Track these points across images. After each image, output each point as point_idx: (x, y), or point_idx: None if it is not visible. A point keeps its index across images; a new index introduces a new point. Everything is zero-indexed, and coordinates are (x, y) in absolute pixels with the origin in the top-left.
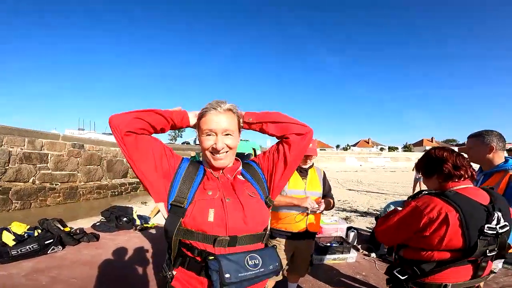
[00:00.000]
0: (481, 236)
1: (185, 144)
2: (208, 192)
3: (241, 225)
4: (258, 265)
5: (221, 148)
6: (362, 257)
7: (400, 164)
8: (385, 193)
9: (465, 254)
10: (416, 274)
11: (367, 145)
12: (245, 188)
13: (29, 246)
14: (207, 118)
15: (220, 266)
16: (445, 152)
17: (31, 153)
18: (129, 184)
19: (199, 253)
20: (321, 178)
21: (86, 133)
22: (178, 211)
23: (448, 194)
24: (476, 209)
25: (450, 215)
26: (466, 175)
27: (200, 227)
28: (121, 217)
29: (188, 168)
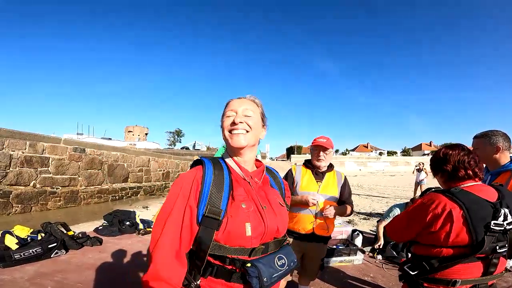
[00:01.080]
0: (488, 233)
1: (184, 149)
2: (242, 205)
3: (274, 234)
4: (285, 264)
5: (239, 121)
6: (368, 259)
7: (400, 168)
8: (386, 196)
9: (473, 250)
10: (426, 270)
11: (366, 150)
12: (275, 196)
13: (32, 250)
14: (230, 103)
15: (259, 272)
16: (451, 150)
17: (32, 157)
18: (129, 188)
19: (231, 261)
20: (340, 183)
21: (85, 137)
22: (213, 223)
23: (453, 191)
24: (481, 206)
25: (454, 211)
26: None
27: (236, 242)
28: (124, 221)
29: (215, 173)
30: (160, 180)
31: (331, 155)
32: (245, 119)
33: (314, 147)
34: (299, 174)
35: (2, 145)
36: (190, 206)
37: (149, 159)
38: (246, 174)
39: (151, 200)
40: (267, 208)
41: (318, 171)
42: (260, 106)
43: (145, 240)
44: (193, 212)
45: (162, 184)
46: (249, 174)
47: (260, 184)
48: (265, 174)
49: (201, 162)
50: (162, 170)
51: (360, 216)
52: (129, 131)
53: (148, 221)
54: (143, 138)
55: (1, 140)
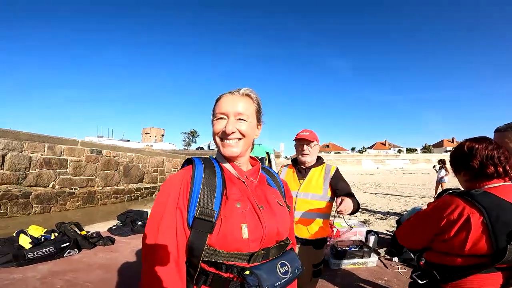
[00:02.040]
0: (511, 242)
1: (199, 149)
2: (236, 205)
3: (274, 236)
4: (288, 271)
5: (231, 131)
6: (383, 262)
7: (420, 166)
8: (406, 195)
9: (493, 261)
10: (436, 279)
11: (384, 147)
12: (274, 195)
13: (45, 249)
14: (220, 101)
15: (259, 280)
16: (478, 144)
17: (51, 159)
18: (145, 189)
19: (227, 269)
20: (327, 178)
21: (105, 140)
22: (205, 226)
23: (473, 194)
24: (506, 211)
25: (472, 217)
26: (496, 174)
27: (233, 246)
28: (136, 221)
29: (205, 172)
30: None
31: (317, 148)
32: (238, 125)
33: (297, 141)
34: (283, 175)
35: (22, 148)
36: (180, 209)
37: (163, 159)
38: (240, 173)
39: None
40: (264, 208)
41: (301, 167)
42: (256, 101)
43: None
44: (184, 214)
45: None
46: (244, 173)
47: (257, 183)
48: (261, 173)
49: (191, 162)
50: (176, 170)
51: (377, 216)
52: (146, 132)
53: None
54: (159, 139)
55: (21, 143)
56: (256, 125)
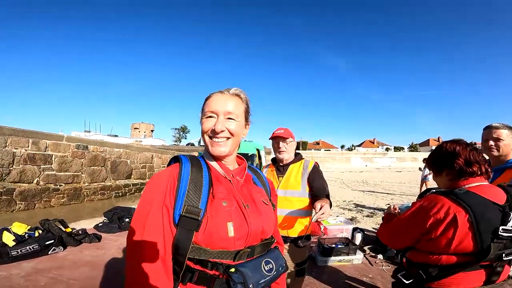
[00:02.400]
0: (495, 239)
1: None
2: (222, 203)
3: (259, 234)
4: (272, 269)
5: (220, 130)
6: (368, 259)
7: (407, 164)
8: (391, 193)
9: (478, 258)
10: (422, 279)
11: (373, 145)
12: (259, 194)
13: (29, 246)
14: (210, 100)
15: (244, 278)
16: (458, 146)
17: (35, 154)
18: (133, 185)
19: (213, 266)
20: (305, 173)
21: (92, 135)
22: (192, 224)
23: (457, 192)
24: (489, 209)
25: (458, 216)
26: (479, 171)
27: (219, 244)
28: (124, 217)
29: (192, 170)
30: None
31: (293, 145)
32: (228, 125)
33: (273, 139)
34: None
35: (5, 143)
36: (166, 206)
37: (152, 155)
38: (227, 172)
39: None
40: (250, 207)
41: (280, 165)
42: (245, 101)
43: None
44: (170, 213)
45: None
46: (230, 172)
47: (243, 182)
48: (247, 172)
49: (178, 160)
50: (165, 166)
51: (364, 213)
52: (135, 128)
53: None
54: (149, 135)
55: (4, 138)
56: (244, 124)
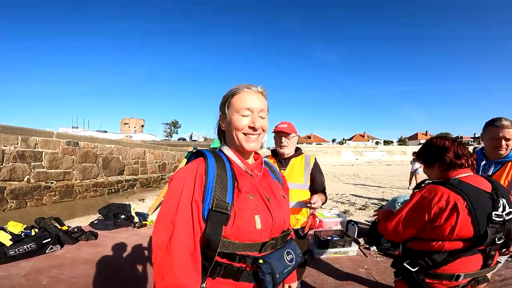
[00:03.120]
0: (489, 224)
1: (181, 140)
2: (249, 197)
3: (281, 226)
4: (293, 259)
5: (259, 127)
6: (363, 251)
7: (396, 157)
8: (382, 186)
9: (476, 243)
10: (428, 266)
11: (363, 139)
12: (278, 188)
13: (26, 245)
14: (241, 96)
15: (272, 269)
16: (447, 141)
17: (25, 152)
18: (125, 181)
19: (240, 259)
20: (308, 168)
21: (80, 131)
22: (221, 218)
23: (453, 182)
24: (481, 197)
25: (458, 203)
26: (466, 164)
27: (247, 237)
28: (119, 214)
29: (217, 166)
30: (157, 172)
31: (295, 140)
32: (261, 122)
33: (275, 133)
34: None
35: None
36: (196, 201)
37: (145, 151)
38: (248, 167)
39: (148, 192)
40: (272, 199)
41: (281, 158)
42: (266, 97)
43: (141, 234)
44: (199, 207)
45: (159, 176)
46: (250, 167)
47: (261, 176)
48: (264, 166)
49: (202, 155)
50: (158, 162)
51: (356, 206)
52: (125, 123)
53: (144, 214)
54: (139, 130)
55: None
56: None
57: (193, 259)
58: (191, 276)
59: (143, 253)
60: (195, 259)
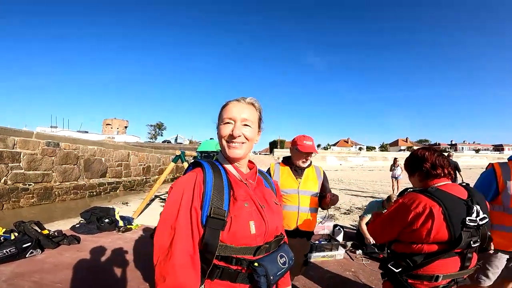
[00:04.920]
0: (464, 228)
1: (165, 142)
2: (244, 204)
3: (274, 231)
4: (286, 262)
5: (238, 135)
6: (349, 254)
7: (378, 163)
8: (365, 191)
9: (452, 246)
10: (409, 267)
11: (347, 145)
12: (271, 196)
13: (6, 250)
14: (228, 107)
15: (266, 271)
16: (427, 152)
17: (3, 152)
18: (108, 184)
19: (237, 262)
20: (320, 178)
21: (59, 130)
22: (218, 224)
23: (430, 190)
24: (456, 203)
25: (434, 209)
26: (442, 173)
27: (242, 241)
28: (103, 218)
29: (214, 176)
30: (141, 175)
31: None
32: (244, 131)
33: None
34: (277, 173)
35: None
36: (195, 208)
37: (129, 153)
38: (242, 176)
39: (131, 195)
40: (265, 207)
41: (297, 167)
42: (259, 110)
43: (126, 238)
44: (198, 214)
45: (143, 179)
46: (245, 176)
47: (255, 185)
48: (258, 175)
49: (200, 165)
50: (142, 164)
51: (341, 210)
52: (107, 124)
53: (129, 218)
54: (122, 131)
55: None
56: (257, 131)
57: (193, 261)
58: (191, 277)
59: (129, 257)
60: (195, 262)
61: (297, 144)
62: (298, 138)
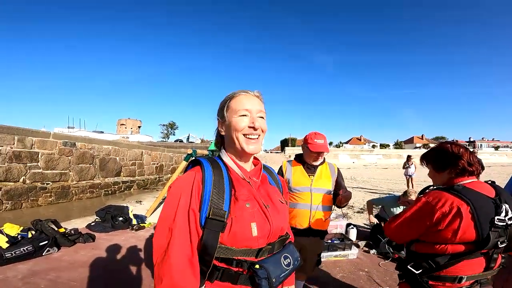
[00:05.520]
0: (492, 228)
1: (178, 141)
2: (246, 205)
3: (279, 232)
4: (290, 263)
5: (259, 126)
6: (363, 254)
7: (392, 161)
8: (379, 189)
9: (479, 246)
10: (431, 268)
11: (359, 142)
12: (276, 194)
13: (23, 248)
14: (239, 99)
15: (268, 273)
16: (462, 148)
17: (21, 152)
18: (122, 182)
19: (237, 263)
20: (334, 175)
21: (76, 131)
22: (218, 225)
23: (457, 188)
24: (485, 202)
25: (462, 208)
26: (476, 172)
27: (243, 243)
28: (117, 216)
29: (214, 173)
30: (154, 173)
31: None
32: (260, 123)
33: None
34: (289, 171)
35: None
36: (193, 210)
37: (142, 152)
38: (245, 174)
39: (145, 194)
40: (270, 206)
41: (310, 165)
42: (264, 102)
43: (139, 236)
44: (196, 216)
45: (156, 178)
46: (248, 174)
47: (259, 183)
48: (262, 172)
49: (199, 163)
50: (155, 163)
51: (354, 209)
52: (121, 124)
53: (142, 216)
54: (136, 131)
55: None
56: None
57: (191, 263)
58: (188, 279)
59: (142, 255)
60: (193, 264)
61: (307, 143)
62: (309, 136)
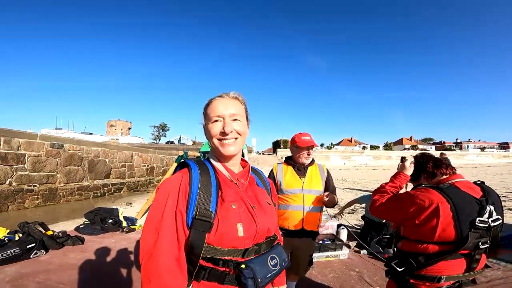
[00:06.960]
0: (472, 229)
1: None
2: (232, 206)
3: (265, 233)
4: (277, 264)
5: (230, 131)
6: (354, 254)
7: (382, 162)
8: (370, 190)
9: (457, 246)
10: (412, 266)
11: (350, 144)
12: (263, 195)
13: (10, 250)
14: (212, 105)
15: (254, 273)
16: (425, 155)
17: (7, 153)
18: (112, 185)
19: (224, 263)
20: (323, 176)
21: (64, 132)
22: (204, 226)
23: (442, 187)
24: (468, 202)
25: (441, 206)
26: (447, 171)
27: (229, 244)
28: (107, 219)
29: (201, 175)
30: (144, 175)
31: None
32: (234, 126)
33: (302, 147)
34: (280, 173)
35: None
36: (180, 211)
37: (132, 154)
38: (233, 176)
39: (135, 196)
40: (256, 208)
41: (300, 166)
42: (244, 103)
43: (129, 238)
44: (183, 216)
45: (146, 180)
46: (236, 176)
47: (247, 185)
48: (250, 174)
49: (187, 165)
50: (146, 165)
51: (345, 210)
52: (111, 125)
53: (132, 219)
54: (126, 132)
55: None
56: (247, 124)
57: (178, 263)
58: (177, 279)
59: (132, 258)
60: (180, 264)
61: (296, 142)
62: (295, 136)
